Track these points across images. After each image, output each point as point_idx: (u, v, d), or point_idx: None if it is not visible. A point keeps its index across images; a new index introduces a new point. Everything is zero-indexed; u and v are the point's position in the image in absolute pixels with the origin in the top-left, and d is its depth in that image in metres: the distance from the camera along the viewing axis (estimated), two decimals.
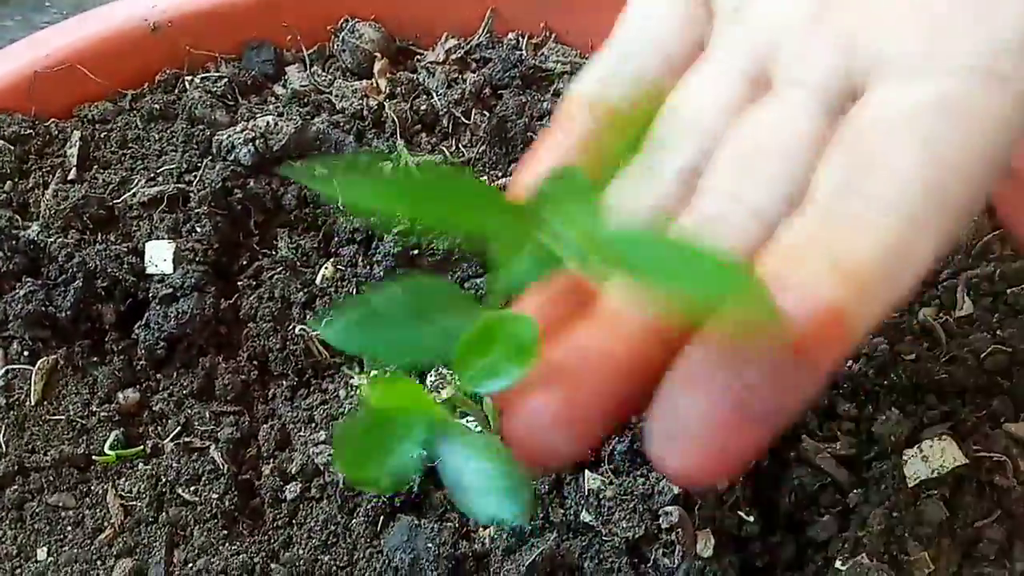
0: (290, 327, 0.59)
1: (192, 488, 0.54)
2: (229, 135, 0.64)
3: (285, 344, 0.59)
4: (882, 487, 0.51)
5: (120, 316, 0.59)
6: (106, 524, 0.53)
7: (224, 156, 0.64)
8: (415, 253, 0.62)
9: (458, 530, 0.51)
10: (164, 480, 0.54)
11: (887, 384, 0.54)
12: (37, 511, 0.54)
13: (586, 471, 0.51)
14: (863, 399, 0.54)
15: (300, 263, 0.62)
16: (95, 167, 0.66)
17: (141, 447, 0.56)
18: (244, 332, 0.60)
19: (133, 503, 0.54)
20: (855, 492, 0.51)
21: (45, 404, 0.57)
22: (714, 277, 0.30)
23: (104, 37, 0.69)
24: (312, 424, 0.56)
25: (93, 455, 0.55)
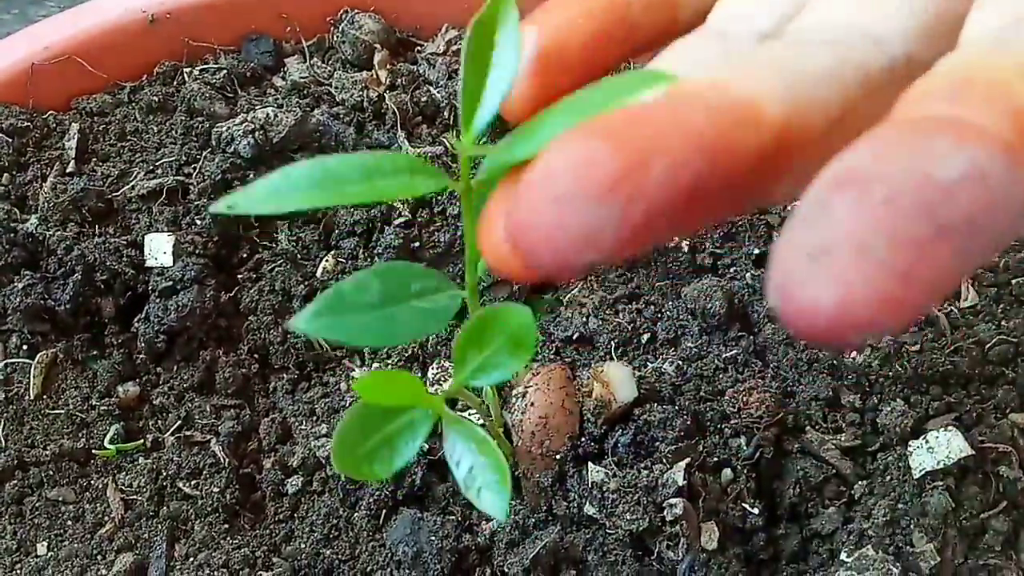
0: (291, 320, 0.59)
1: (193, 482, 0.54)
2: (228, 127, 0.64)
3: (286, 337, 0.59)
4: (887, 478, 0.51)
5: (119, 309, 0.59)
6: (106, 518, 0.53)
7: (223, 148, 0.63)
8: (416, 245, 0.62)
9: (461, 523, 0.50)
10: (165, 474, 0.54)
11: (892, 375, 0.54)
12: (37, 505, 0.53)
13: (589, 463, 0.51)
14: (867, 390, 0.54)
15: (300, 256, 0.62)
16: (94, 160, 0.65)
17: (141, 441, 0.55)
18: (244, 325, 0.59)
19: (133, 497, 0.54)
20: (860, 483, 0.51)
21: (44, 398, 0.57)
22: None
23: (102, 29, 0.69)
24: (313, 417, 0.56)
25: (93, 449, 0.55)
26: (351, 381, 0.57)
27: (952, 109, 0.22)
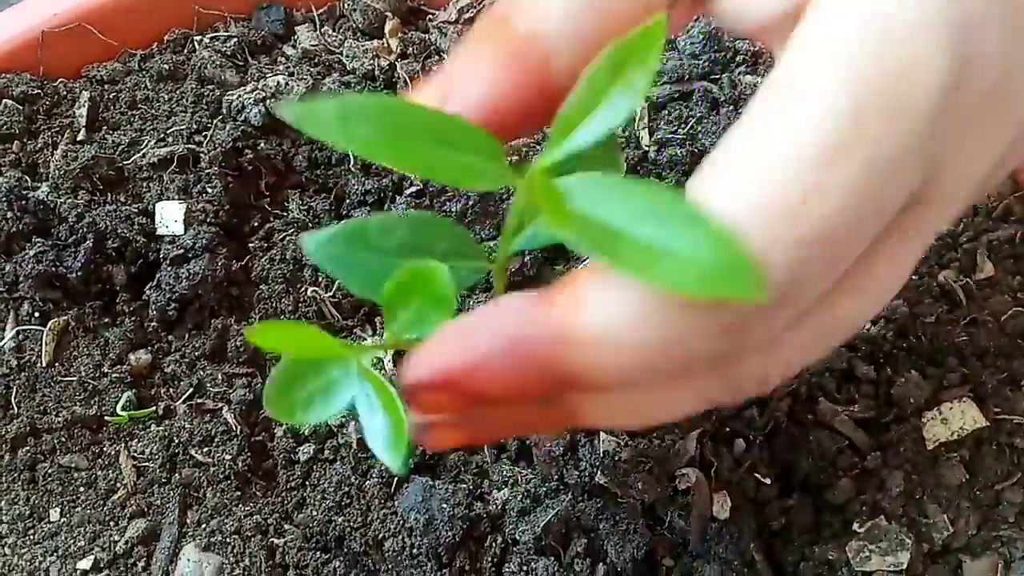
0: (302, 289, 0.59)
1: (205, 449, 0.54)
2: (239, 95, 0.63)
3: (297, 306, 0.58)
4: (901, 450, 0.50)
5: (131, 277, 0.58)
6: (119, 485, 0.53)
7: (234, 116, 0.63)
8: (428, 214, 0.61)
9: (472, 491, 0.50)
10: (177, 441, 0.54)
11: (906, 347, 0.54)
12: (49, 472, 0.53)
13: (601, 433, 0.51)
14: (882, 361, 0.54)
15: (312, 224, 0.61)
16: (104, 128, 0.65)
17: (153, 408, 0.55)
18: (256, 294, 0.59)
19: (146, 464, 0.54)
20: (873, 455, 0.51)
21: (56, 365, 0.57)
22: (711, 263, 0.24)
23: None
24: None
25: (105, 416, 0.55)
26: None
27: None
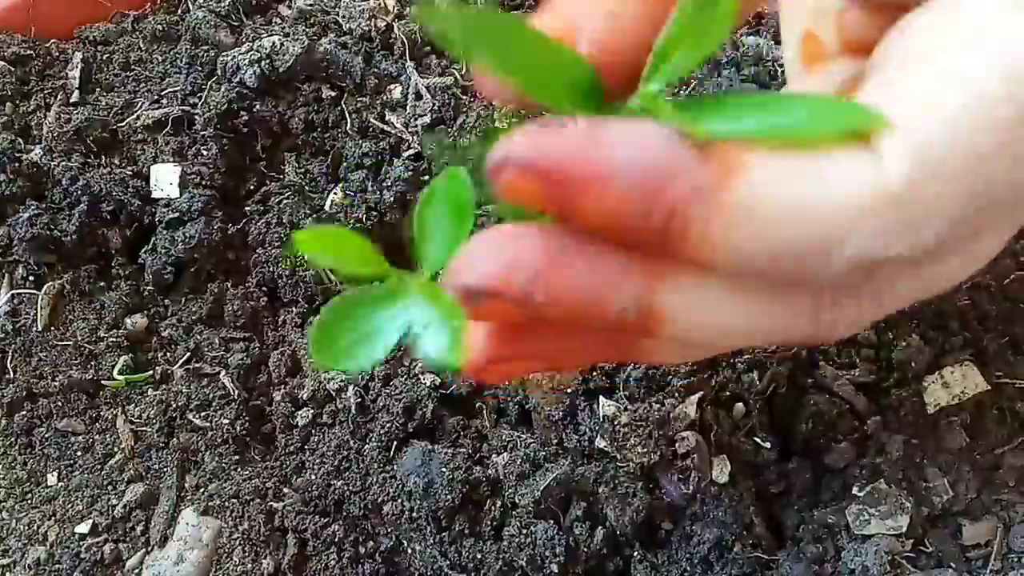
0: (299, 253, 0.58)
1: (203, 413, 0.53)
2: (234, 56, 0.62)
3: (295, 270, 0.58)
4: (901, 414, 0.50)
5: (126, 240, 0.58)
6: (116, 449, 0.53)
7: (229, 78, 0.62)
8: (426, 179, 0.61)
9: (471, 456, 0.50)
10: (174, 405, 0.54)
11: (908, 310, 0.53)
12: (46, 436, 0.53)
13: (601, 397, 0.51)
14: (883, 325, 0.53)
15: (309, 188, 0.61)
16: (98, 89, 0.64)
17: (150, 373, 0.55)
18: (253, 258, 0.58)
19: (143, 428, 0.53)
20: (873, 419, 0.50)
21: (52, 329, 0.56)
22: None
23: None
24: None
25: (102, 381, 0.55)
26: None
27: None
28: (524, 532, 0.47)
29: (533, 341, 0.31)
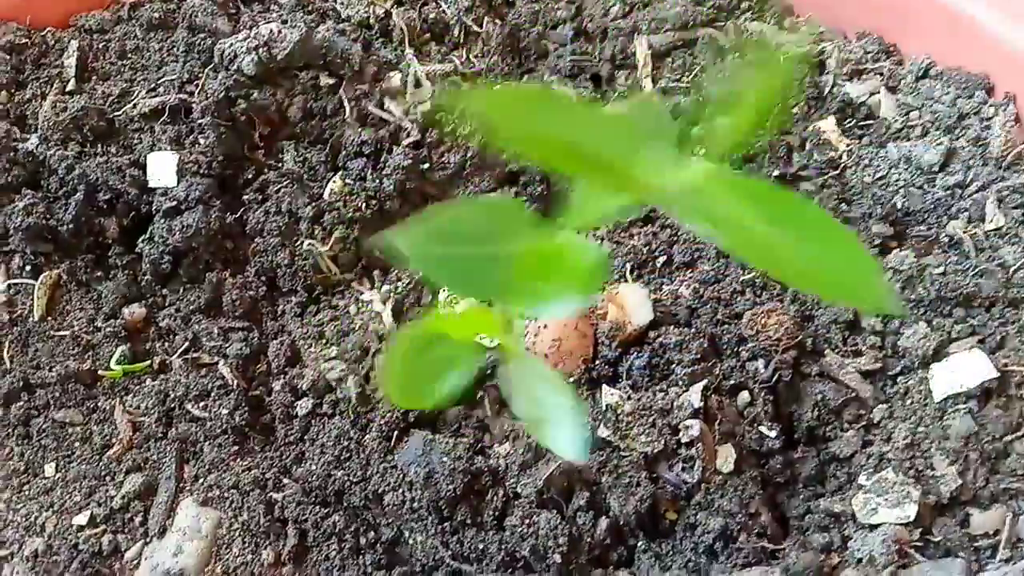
0: (298, 242, 0.58)
1: (201, 404, 0.53)
2: (231, 44, 0.62)
3: (293, 260, 0.57)
4: (908, 402, 0.50)
5: (123, 230, 0.57)
6: (114, 440, 0.52)
7: (227, 65, 0.61)
8: (426, 167, 0.60)
9: (473, 445, 0.50)
10: (172, 396, 0.53)
11: (914, 297, 0.53)
12: (44, 427, 0.53)
13: (603, 386, 0.50)
14: (889, 312, 0.53)
15: (307, 177, 0.60)
16: (94, 78, 0.64)
17: (148, 363, 0.55)
18: (251, 247, 0.58)
19: (141, 419, 0.53)
20: (880, 407, 0.50)
21: (49, 319, 0.56)
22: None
23: None
24: (323, 340, 0.55)
25: (99, 371, 0.54)
26: (360, 304, 0.56)
27: None
28: (527, 522, 0.47)
29: None
